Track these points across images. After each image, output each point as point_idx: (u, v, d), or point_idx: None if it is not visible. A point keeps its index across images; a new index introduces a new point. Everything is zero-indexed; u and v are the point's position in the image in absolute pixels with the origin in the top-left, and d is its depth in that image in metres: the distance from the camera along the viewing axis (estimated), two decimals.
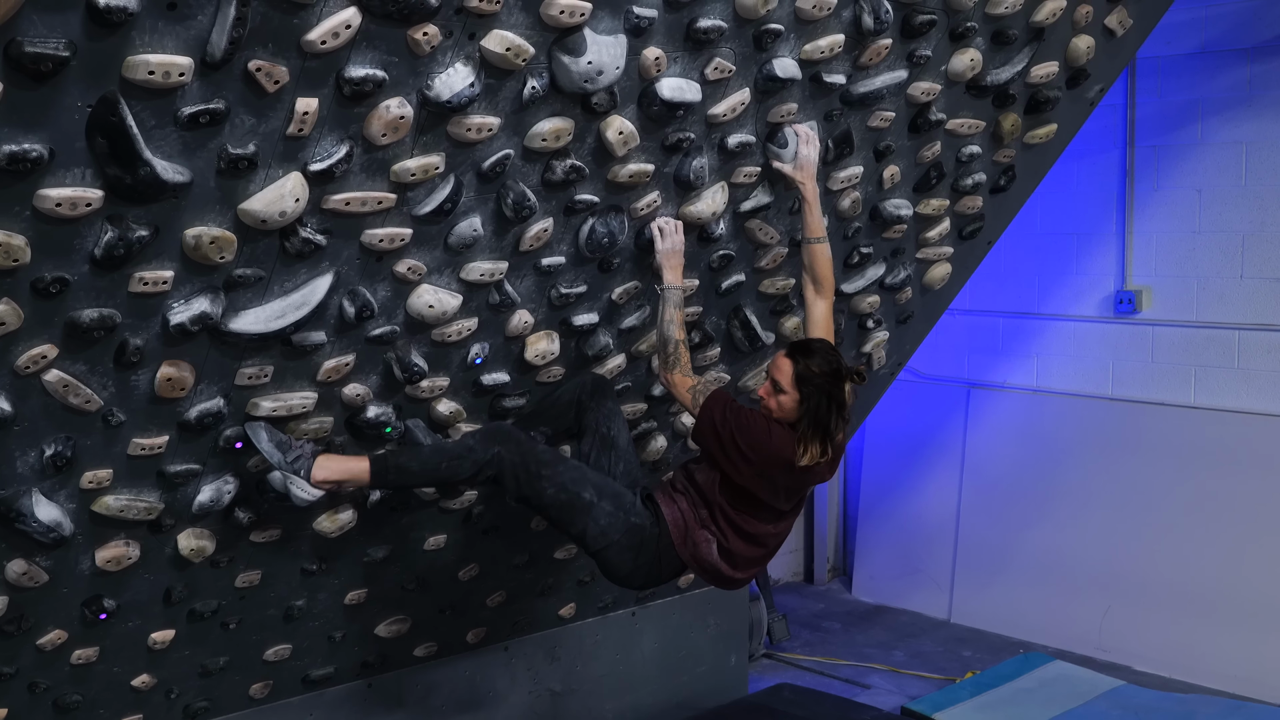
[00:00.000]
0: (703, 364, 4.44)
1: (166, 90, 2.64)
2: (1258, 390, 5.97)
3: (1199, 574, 6.05)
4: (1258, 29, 5.83)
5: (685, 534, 3.76)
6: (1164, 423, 6.27)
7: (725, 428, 3.62)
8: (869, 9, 3.61)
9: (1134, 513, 6.29)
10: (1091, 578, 6.45)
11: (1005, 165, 4.57)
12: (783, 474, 3.66)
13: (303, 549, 4.00)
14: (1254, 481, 5.89)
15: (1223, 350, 6.09)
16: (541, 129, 3.28)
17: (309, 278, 3.23)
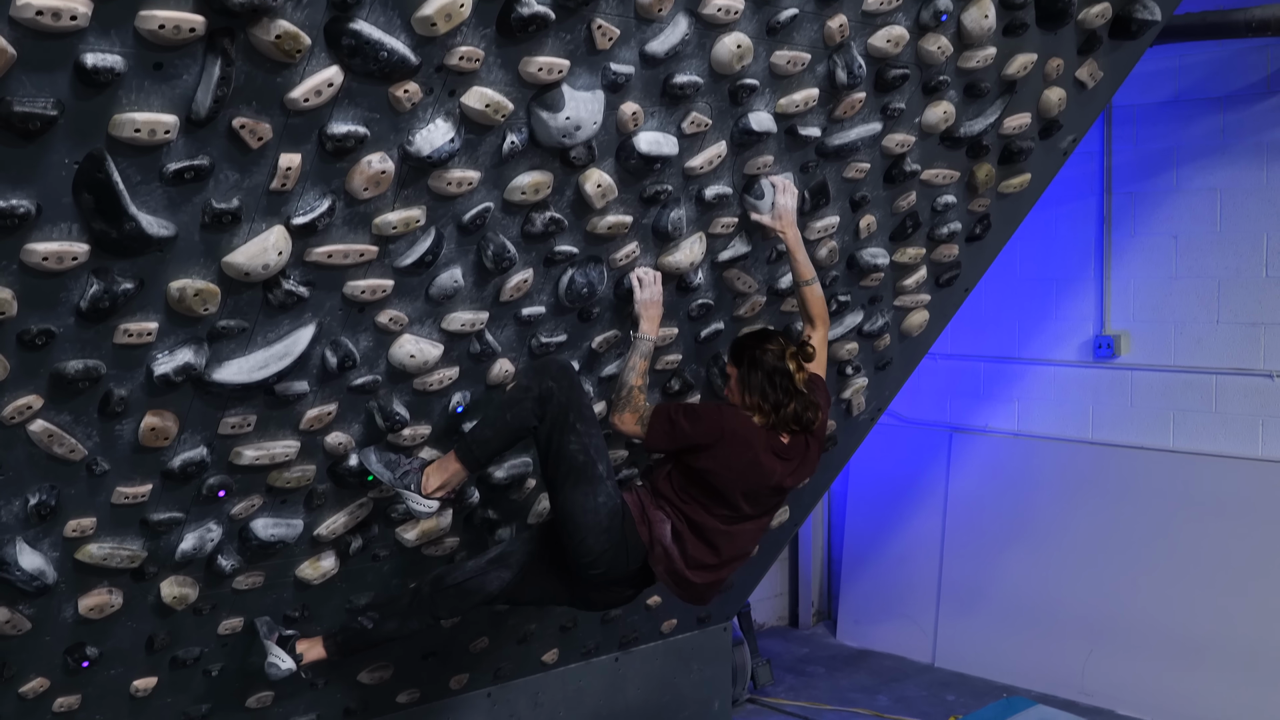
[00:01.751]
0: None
1: (152, 147, 2.70)
2: (1235, 434, 6.03)
3: (1180, 618, 6.08)
4: (1229, 78, 5.94)
5: (643, 512, 3.76)
6: (1144, 466, 6.31)
7: (676, 422, 3.71)
8: (843, 64, 3.68)
9: (1115, 556, 6.33)
10: (1074, 621, 6.47)
11: (980, 214, 4.65)
12: (739, 455, 3.69)
13: (285, 596, 4.02)
14: (1233, 525, 5.93)
15: (1201, 394, 6.15)
16: (521, 182, 3.34)
17: (292, 329, 3.28)
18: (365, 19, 2.78)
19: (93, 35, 2.49)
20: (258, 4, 2.55)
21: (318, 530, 3.85)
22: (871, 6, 3.61)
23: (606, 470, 3.71)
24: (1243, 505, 5.94)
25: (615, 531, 3.72)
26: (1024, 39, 4.07)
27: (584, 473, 3.65)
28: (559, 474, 3.68)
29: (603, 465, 3.70)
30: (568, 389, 3.64)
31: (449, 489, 3.67)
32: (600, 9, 3.11)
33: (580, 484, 3.66)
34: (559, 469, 3.67)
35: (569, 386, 3.65)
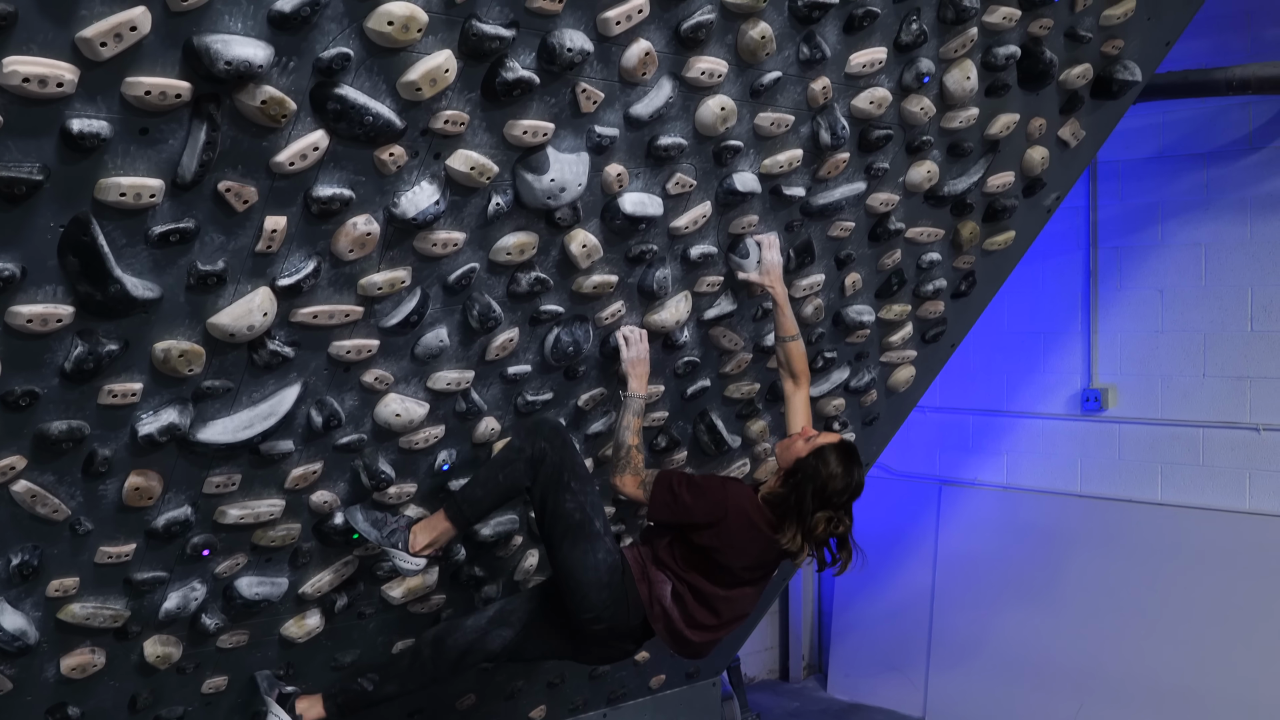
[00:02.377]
0: (669, 467, 4.49)
1: (138, 210, 2.72)
2: (1223, 487, 6.03)
3: (1170, 670, 6.06)
4: (1212, 134, 5.99)
5: (643, 570, 3.73)
6: (1132, 519, 6.31)
7: (679, 494, 3.65)
8: (826, 125, 3.72)
9: (1105, 609, 6.31)
10: (1064, 674, 6.44)
11: (965, 271, 4.68)
12: (741, 530, 3.64)
13: (269, 654, 4.00)
14: (1221, 577, 5.93)
15: (1188, 447, 6.16)
16: (506, 243, 3.36)
17: (277, 388, 3.29)
18: (350, 84, 2.81)
19: (79, 101, 2.52)
20: (243, 71, 2.58)
21: (303, 588, 3.84)
22: (854, 69, 3.65)
23: (603, 526, 3.70)
24: (1231, 558, 5.93)
25: (616, 587, 3.69)
26: (1006, 99, 4.11)
27: (581, 530, 3.64)
28: (556, 533, 3.66)
29: (599, 521, 3.69)
30: (560, 448, 3.64)
31: (436, 547, 3.67)
32: (584, 73, 3.15)
33: (579, 541, 3.64)
34: (556, 528, 3.66)
35: (561, 446, 3.65)
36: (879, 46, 3.66)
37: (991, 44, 3.91)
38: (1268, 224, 5.87)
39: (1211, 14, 5.46)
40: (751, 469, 4.75)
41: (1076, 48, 4.13)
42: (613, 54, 3.17)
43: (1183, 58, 5.54)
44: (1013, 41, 3.94)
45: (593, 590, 3.66)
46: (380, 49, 2.79)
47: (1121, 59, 4.30)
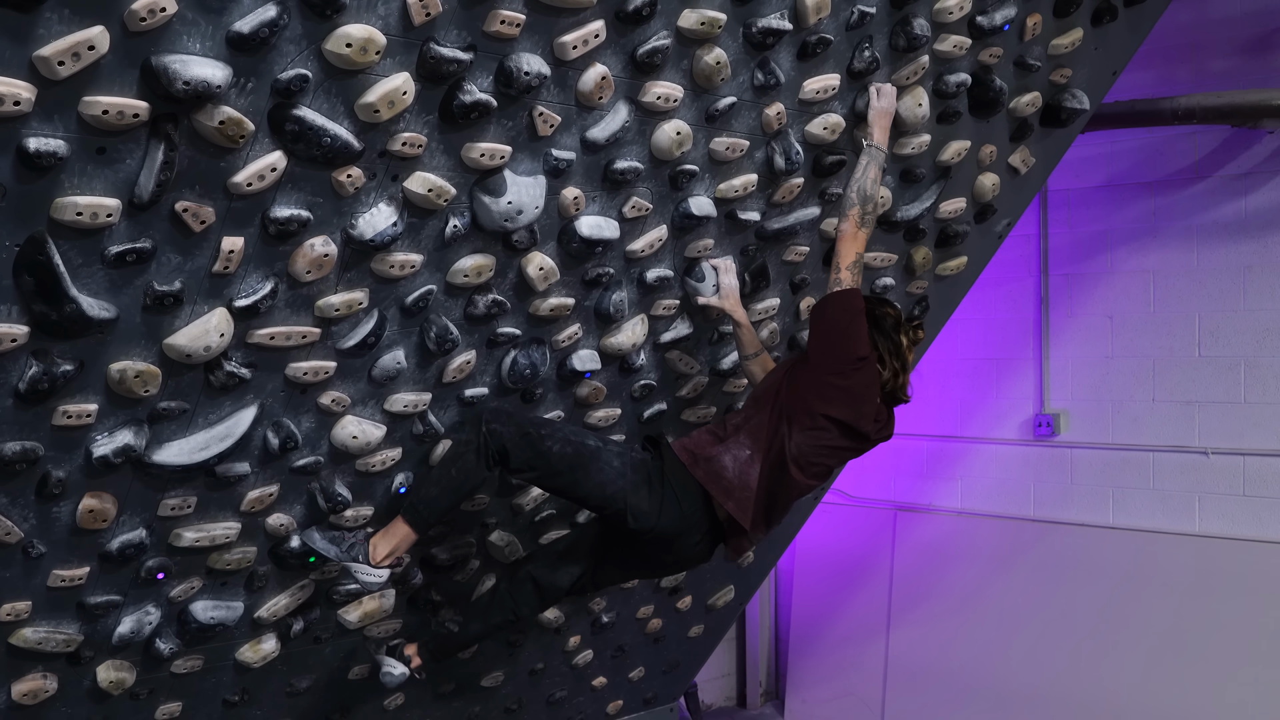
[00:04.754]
0: None
1: (94, 230, 2.72)
2: (1172, 510, 6.11)
3: (1121, 691, 6.11)
4: (1159, 164, 6.10)
5: (694, 457, 3.69)
6: (1084, 542, 6.38)
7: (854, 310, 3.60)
8: (780, 150, 3.77)
9: (1058, 631, 6.37)
10: (1019, 696, 6.49)
11: (919, 296, 4.73)
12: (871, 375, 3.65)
13: (224, 680, 3.98)
14: (1171, 599, 6.00)
15: (1138, 472, 6.24)
16: (463, 265, 3.38)
17: (233, 410, 3.28)
18: (309, 105, 2.83)
19: (35, 120, 2.52)
20: (201, 91, 2.59)
21: (259, 612, 3.82)
22: (808, 95, 3.70)
23: (598, 440, 3.66)
24: (1181, 580, 6.00)
25: (655, 482, 3.66)
26: (957, 126, 4.18)
27: (581, 456, 3.59)
28: (565, 479, 3.62)
29: (591, 440, 3.65)
30: (506, 419, 3.58)
31: (397, 554, 3.64)
32: (541, 97, 3.18)
33: (590, 467, 3.60)
34: (562, 476, 3.62)
35: (506, 417, 3.59)
36: (832, 73, 3.71)
37: (943, 71, 3.97)
38: (1213, 251, 5.98)
39: (1157, 45, 5.58)
40: None
41: (1026, 76, 4.21)
42: (569, 78, 3.20)
43: (1129, 88, 5.65)
44: (964, 69, 4.01)
45: (632, 496, 3.62)
46: (338, 71, 2.81)
47: (1070, 88, 4.38)
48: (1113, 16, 4.23)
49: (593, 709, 5.50)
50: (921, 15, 3.75)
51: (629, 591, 5.00)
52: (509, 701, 5.04)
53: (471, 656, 4.65)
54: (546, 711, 5.25)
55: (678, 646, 5.61)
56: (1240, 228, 5.90)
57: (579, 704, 5.40)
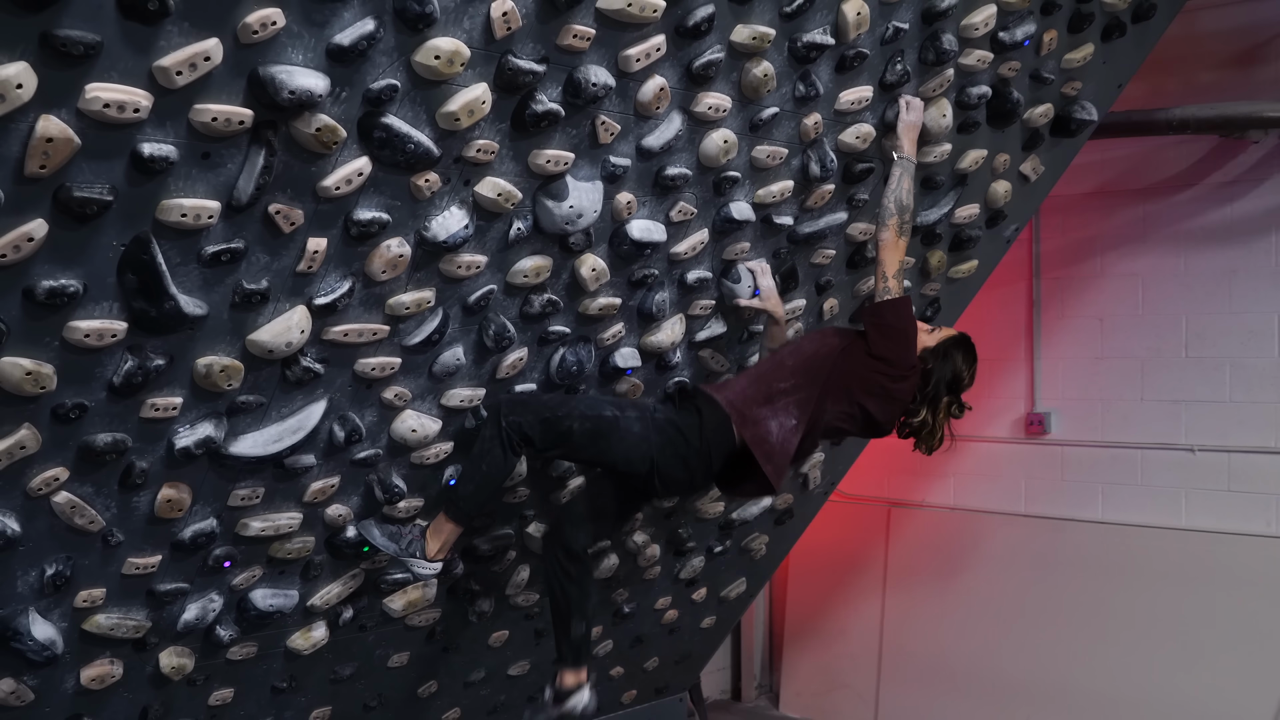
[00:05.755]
0: None
1: (194, 231, 2.86)
2: (1160, 505, 6.35)
3: (1113, 681, 6.34)
4: (1148, 172, 6.35)
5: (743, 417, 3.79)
6: (1075, 537, 6.61)
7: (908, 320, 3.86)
8: (816, 158, 3.96)
9: (1049, 623, 6.59)
10: (1011, 687, 6.70)
11: (932, 298, 4.94)
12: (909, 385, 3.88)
13: (274, 667, 4.11)
14: (1160, 591, 6.23)
15: (1127, 468, 6.48)
16: (523, 266, 3.54)
17: (305, 404, 3.43)
18: (395, 113, 2.98)
19: (150, 126, 2.66)
20: (304, 100, 2.74)
21: (312, 600, 3.96)
22: (843, 106, 3.89)
23: (614, 408, 3.77)
24: (1169, 573, 6.24)
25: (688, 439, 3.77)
26: (975, 136, 4.39)
27: (599, 430, 3.71)
28: (588, 451, 3.76)
29: (608, 409, 3.76)
30: (522, 408, 3.70)
31: (448, 549, 3.81)
32: (604, 106, 3.35)
33: (611, 438, 3.72)
34: (584, 449, 3.75)
35: (521, 405, 3.72)
36: (866, 85, 3.91)
37: (965, 84, 4.18)
38: (1200, 256, 6.23)
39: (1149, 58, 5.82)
40: None
41: (1040, 89, 4.42)
42: (630, 89, 3.38)
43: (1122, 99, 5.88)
44: (985, 82, 4.22)
45: (659, 459, 3.75)
46: (424, 81, 2.97)
47: (1079, 99, 4.60)
48: (1122, 33, 4.46)
49: (609, 698, 5.66)
50: (950, 31, 3.96)
51: (650, 583, 5.17)
52: (533, 690, 5.19)
53: (502, 645, 4.80)
54: None
55: (690, 637, 5.79)
56: (1226, 233, 6.15)
57: (598, 692, 5.54)
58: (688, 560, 5.20)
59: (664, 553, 5.04)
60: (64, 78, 2.49)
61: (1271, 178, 6.04)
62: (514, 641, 4.86)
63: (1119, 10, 4.42)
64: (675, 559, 5.15)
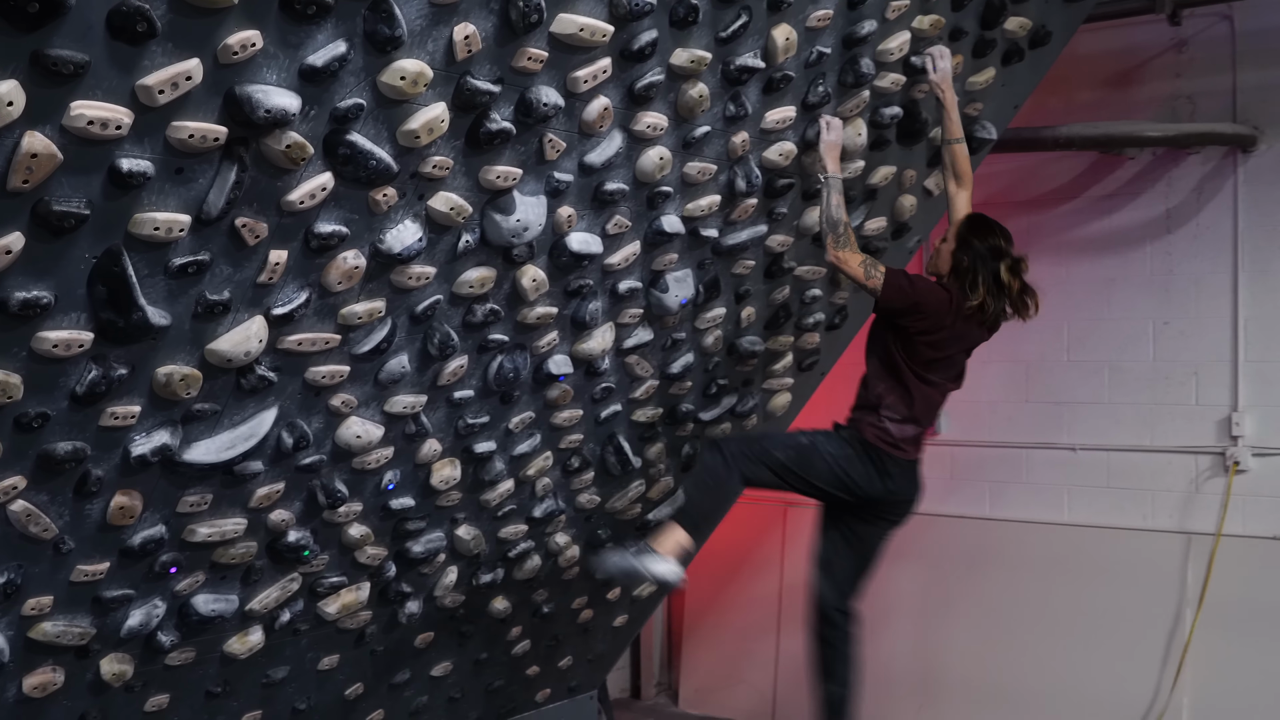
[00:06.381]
0: (579, 487, 4.83)
1: (164, 243, 2.92)
2: (1044, 502, 6.70)
3: (1001, 671, 6.66)
4: (1032, 186, 6.69)
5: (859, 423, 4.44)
6: (963, 533, 6.93)
7: (913, 289, 4.25)
8: (742, 174, 4.15)
9: (940, 616, 6.89)
10: (904, 679, 6.98)
11: (840, 306, 5.18)
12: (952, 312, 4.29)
13: (210, 672, 4.15)
14: (1044, 584, 6.57)
15: (1013, 467, 6.82)
16: (469, 277, 3.66)
17: (256, 411, 3.50)
18: (359, 131, 3.09)
19: (129, 143, 2.72)
20: (279, 118, 2.83)
21: (250, 605, 4.02)
22: (769, 125, 4.09)
23: (805, 435, 4.43)
24: (1052, 566, 6.59)
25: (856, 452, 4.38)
26: (886, 153, 4.63)
27: (802, 453, 4.34)
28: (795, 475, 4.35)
29: (803, 436, 4.41)
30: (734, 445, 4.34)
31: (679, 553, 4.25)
32: (552, 125, 3.49)
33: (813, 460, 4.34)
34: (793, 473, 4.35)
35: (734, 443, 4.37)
36: (790, 106, 4.12)
37: (879, 105, 4.41)
38: (1080, 265, 6.60)
39: None
40: (648, 488, 5.12)
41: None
42: (577, 108, 3.52)
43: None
44: (896, 103, 4.46)
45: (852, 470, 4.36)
46: (388, 100, 3.08)
47: (980, 119, 4.87)
48: (1020, 57, 4.75)
49: (524, 697, 5.79)
50: (867, 55, 4.19)
51: (569, 583, 5.31)
52: (454, 691, 5.30)
53: (428, 646, 4.90)
54: (484, 700, 5.52)
55: (603, 636, 5.94)
56: (1105, 244, 6.53)
57: (512, 693, 5.68)
58: None
59: (583, 554, 5.18)
60: (51, 96, 2.55)
61: (1146, 192, 6.43)
62: (439, 643, 4.95)
63: (1018, 37, 4.71)
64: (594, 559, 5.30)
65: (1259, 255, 6.15)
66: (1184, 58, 6.29)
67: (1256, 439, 6.16)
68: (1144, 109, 6.34)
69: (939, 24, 4.30)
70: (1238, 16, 6.11)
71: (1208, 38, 6.20)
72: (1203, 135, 5.85)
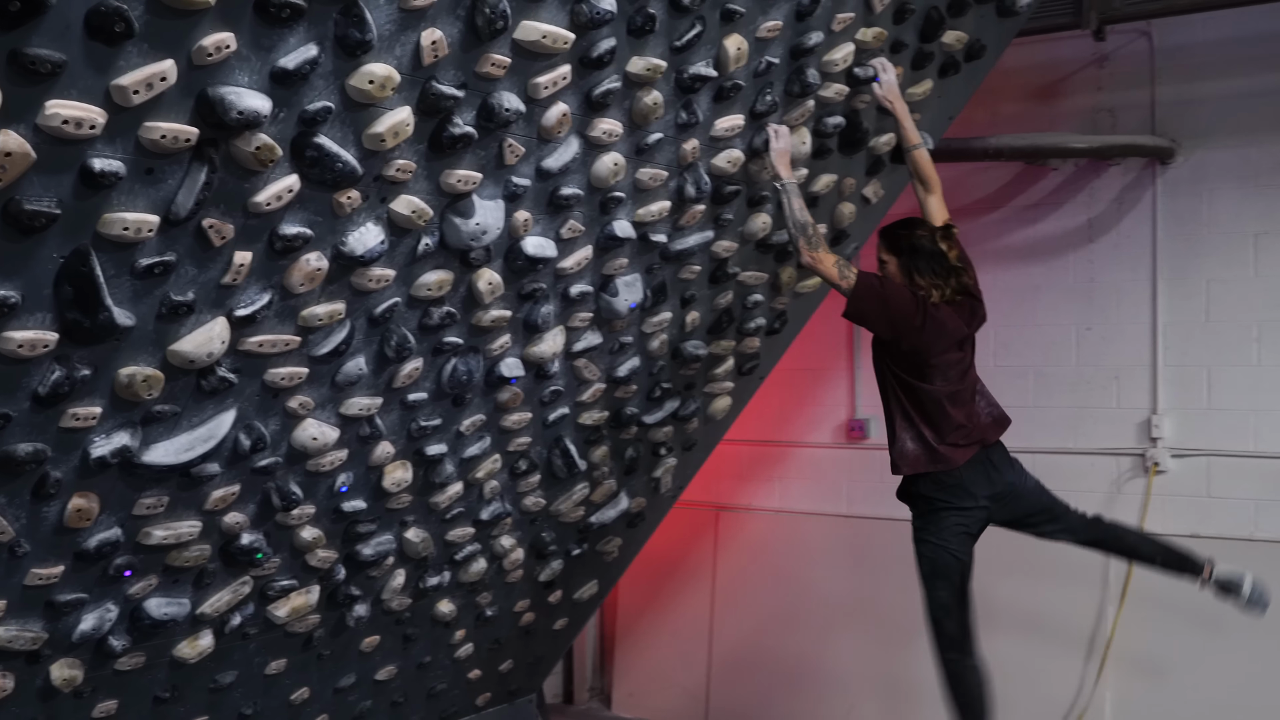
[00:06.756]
0: (525, 490, 4.87)
1: (132, 244, 2.93)
2: None
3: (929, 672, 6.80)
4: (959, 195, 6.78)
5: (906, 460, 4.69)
6: (893, 535, 7.01)
7: (883, 290, 4.36)
8: (691, 180, 4.23)
9: (872, 617, 7.03)
10: (837, 680, 7.11)
11: (780, 311, 5.28)
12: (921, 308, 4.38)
13: (159, 677, 4.12)
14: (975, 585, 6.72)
15: None
16: (428, 280, 3.70)
17: (215, 413, 3.50)
18: (326, 134, 3.12)
19: (101, 143, 2.73)
20: (250, 120, 2.86)
21: (202, 608, 4.00)
22: (718, 133, 4.18)
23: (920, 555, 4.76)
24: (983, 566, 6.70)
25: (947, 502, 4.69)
26: (828, 161, 4.74)
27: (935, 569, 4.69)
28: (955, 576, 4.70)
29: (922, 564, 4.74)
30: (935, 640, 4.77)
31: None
32: (512, 130, 3.54)
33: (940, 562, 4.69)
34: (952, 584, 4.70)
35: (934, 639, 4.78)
36: (739, 114, 4.21)
37: (823, 114, 4.52)
38: (1005, 273, 6.77)
39: None
40: (591, 491, 5.17)
41: (884, 119, 4.81)
42: (536, 114, 3.58)
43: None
44: (839, 112, 4.58)
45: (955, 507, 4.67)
46: (355, 104, 3.11)
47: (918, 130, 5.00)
48: (956, 70, 4.89)
49: (465, 701, 5.81)
50: (813, 65, 4.29)
51: (512, 586, 5.35)
52: (397, 695, 5.30)
53: (373, 650, 4.91)
54: (427, 704, 5.53)
55: (544, 640, 5.98)
56: (1030, 253, 6.72)
57: (454, 697, 5.70)
58: (548, 563, 5.40)
59: (527, 556, 5.22)
60: (28, 94, 2.55)
61: (1069, 202, 6.63)
62: (384, 647, 4.96)
63: (955, 50, 4.85)
64: (537, 562, 5.34)
65: (1176, 263, 6.37)
66: (1105, 72, 6.50)
67: (1175, 441, 6.38)
68: (1066, 121, 6.54)
69: (882, 36, 4.43)
70: (1156, 33, 6.34)
71: (1128, 53, 6.42)
72: (1125, 147, 6.05)
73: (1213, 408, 6.34)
